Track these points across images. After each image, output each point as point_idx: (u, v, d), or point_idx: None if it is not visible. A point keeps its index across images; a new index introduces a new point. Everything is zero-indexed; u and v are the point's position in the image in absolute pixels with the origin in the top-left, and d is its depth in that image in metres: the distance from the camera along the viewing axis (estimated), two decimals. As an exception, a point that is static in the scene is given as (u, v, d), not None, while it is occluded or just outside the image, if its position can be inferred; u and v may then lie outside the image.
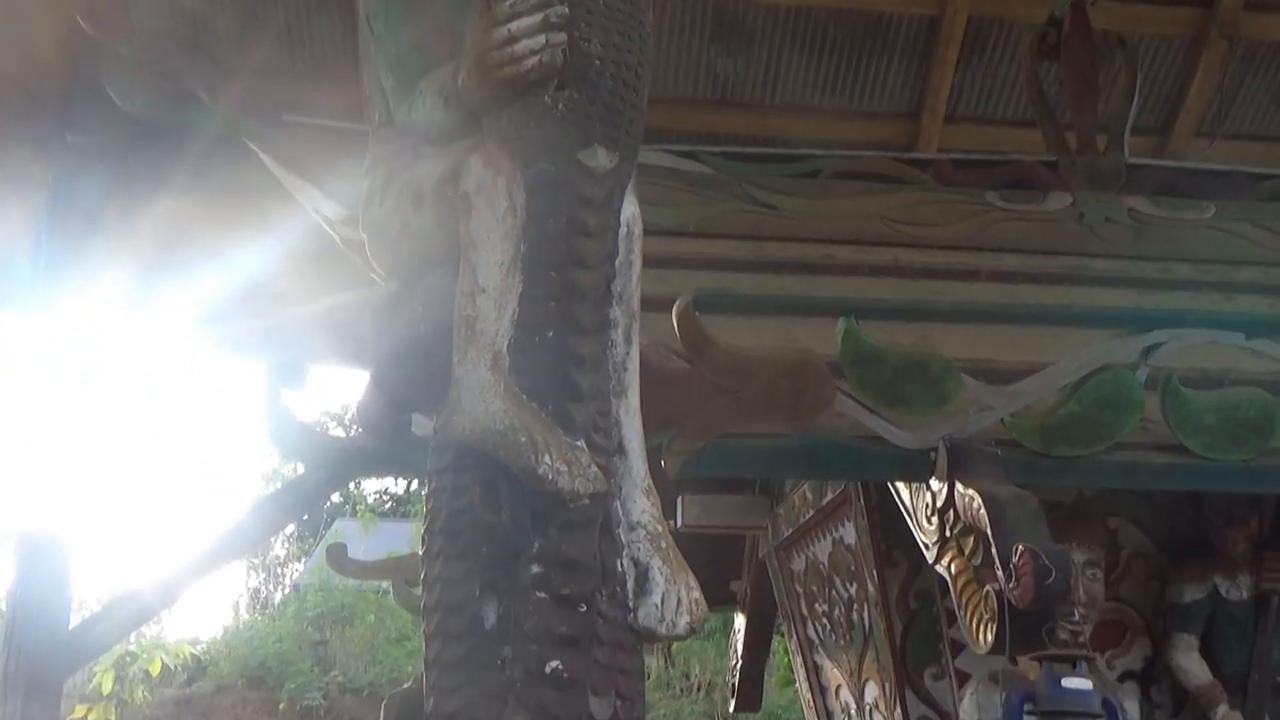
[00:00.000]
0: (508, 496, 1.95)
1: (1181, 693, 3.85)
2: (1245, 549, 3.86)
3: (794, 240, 4.08)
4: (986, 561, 2.96)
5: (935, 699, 3.90)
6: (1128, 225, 4.36)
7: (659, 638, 2.02)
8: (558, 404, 1.98)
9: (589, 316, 2.02)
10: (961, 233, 4.22)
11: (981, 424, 3.24)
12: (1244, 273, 4.15)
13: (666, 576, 2.03)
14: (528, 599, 1.92)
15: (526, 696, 1.86)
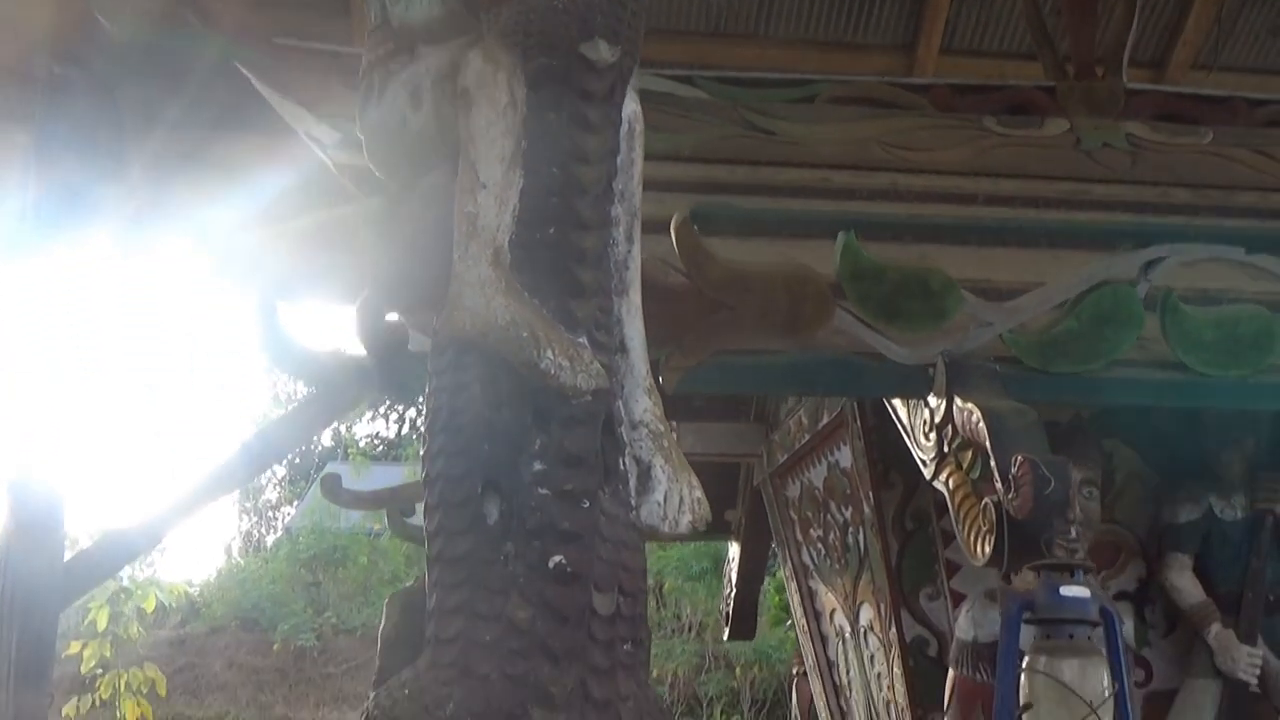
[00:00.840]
0: (509, 393, 1.94)
1: (1175, 612, 3.88)
2: (1241, 469, 3.88)
3: (790, 165, 4.05)
4: (985, 474, 2.96)
5: (930, 619, 3.92)
6: (1125, 150, 4.33)
7: (661, 535, 2.02)
8: (559, 300, 1.97)
9: (590, 212, 2.00)
10: (958, 158, 4.19)
11: (980, 340, 3.23)
12: (1241, 197, 4.13)
13: (669, 475, 2.02)
14: (530, 495, 1.91)
15: (529, 591, 1.86)
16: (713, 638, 17.48)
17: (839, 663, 4.70)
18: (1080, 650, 2.91)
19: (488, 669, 1.83)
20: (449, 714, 1.82)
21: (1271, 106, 4.60)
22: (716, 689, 16.54)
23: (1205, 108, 4.55)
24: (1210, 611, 3.78)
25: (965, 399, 3.07)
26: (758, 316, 3.14)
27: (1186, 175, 4.21)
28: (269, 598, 19.68)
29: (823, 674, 4.85)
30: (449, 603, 1.90)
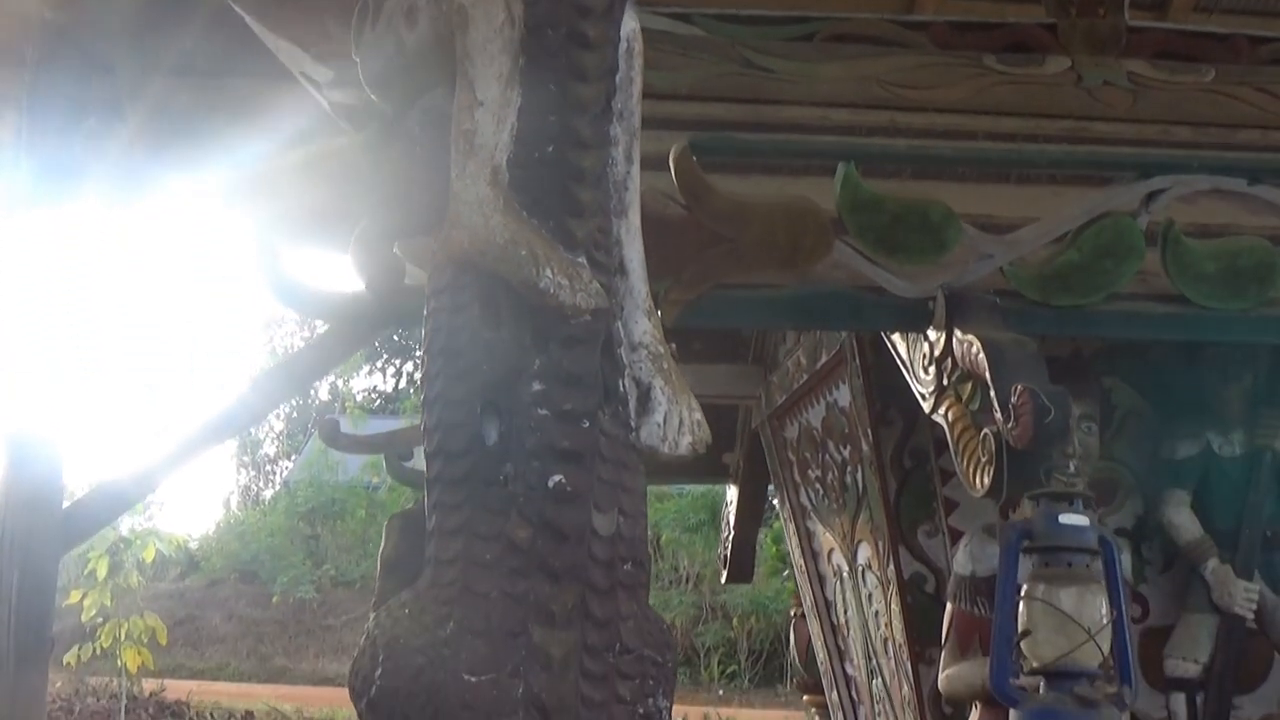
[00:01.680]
0: (508, 314, 1.93)
1: (1172, 548, 3.90)
2: (1240, 405, 3.88)
3: (789, 103, 4.02)
4: (984, 406, 2.96)
5: (929, 556, 3.94)
6: (1127, 88, 4.30)
7: (661, 456, 2.01)
8: (558, 220, 1.95)
9: (589, 131, 1.97)
10: (959, 95, 4.15)
11: (980, 273, 3.22)
12: (1243, 135, 4.11)
13: (669, 396, 2.02)
14: (529, 416, 1.90)
15: (529, 510, 1.86)
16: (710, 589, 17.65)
17: (836, 603, 4.73)
18: (1079, 578, 2.92)
19: (488, 588, 1.83)
20: (449, 633, 1.82)
21: (1274, 44, 4.55)
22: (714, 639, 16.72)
23: (1207, 45, 4.50)
24: (1208, 547, 3.80)
25: (965, 331, 3.07)
26: (757, 248, 3.11)
27: (1188, 113, 4.19)
28: (267, 551, 19.87)
29: (820, 615, 4.87)
30: (449, 523, 1.89)
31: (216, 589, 19.15)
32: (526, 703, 1.79)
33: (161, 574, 18.34)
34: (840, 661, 4.77)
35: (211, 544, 21.35)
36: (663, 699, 1.92)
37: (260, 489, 25.80)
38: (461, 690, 1.79)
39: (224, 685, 14.66)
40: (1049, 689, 2.94)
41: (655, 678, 1.91)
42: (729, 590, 17.14)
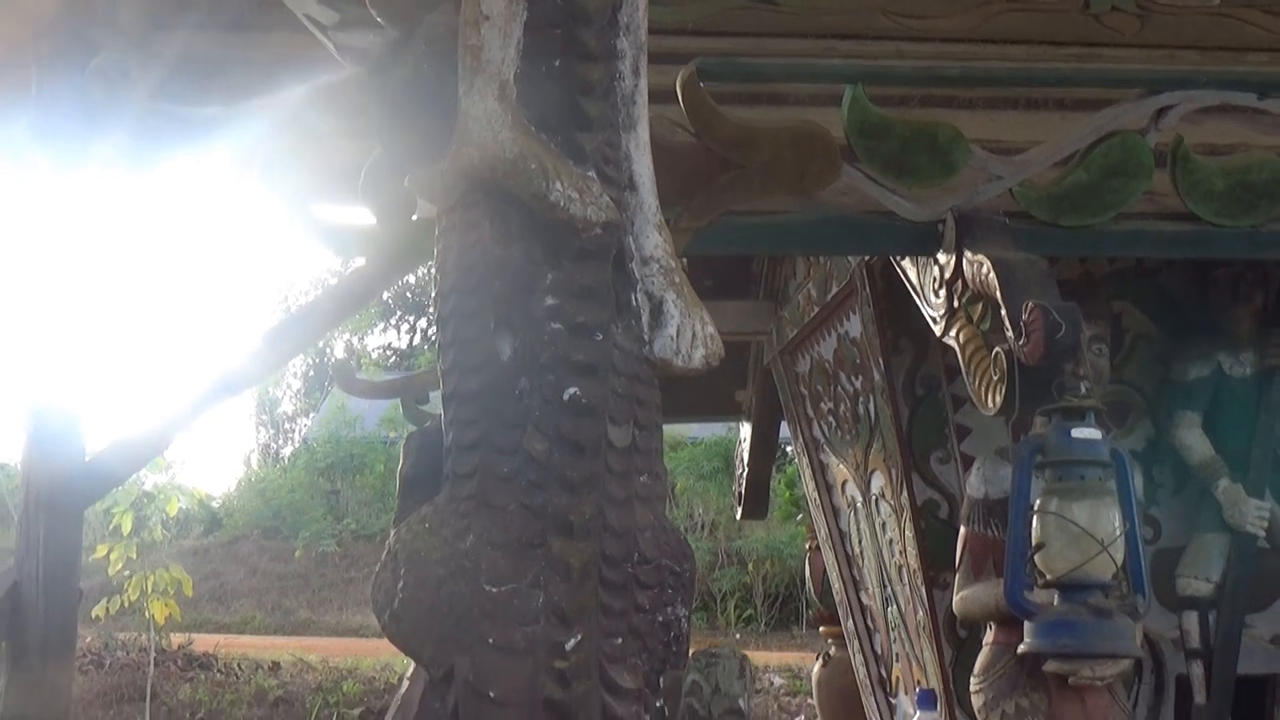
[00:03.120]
0: (519, 229, 1.92)
1: (1183, 471, 3.90)
2: (1250, 326, 3.86)
3: (794, 35, 3.99)
4: (995, 325, 2.95)
5: (941, 482, 3.94)
6: (1134, 13, 4.24)
7: (674, 370, 2.00)
8: (566, 134, 1.93)
9: (595, 43, 1.95)
10: (964, 25, 4.11)
11: (989, 194, 3.20)
12: (1250, 58, 4.07)
13: (681, 310, 2.00)
14: (543, 330, 1.89)
15: (545, 423, 1.85)
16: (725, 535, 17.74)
17: (851, 534, 4.74)
18: (1091, 491, 2.92)
19: (506, 500, 1.83)
20: (469, 545, 1.83)
21: (1285, -33, 4.50)
22: (730, 584, 16.80)
23: (1215, -30, 4.46)
24: (1219, 467, 3.80)
25: (975, 253, 3.05)
26: (765, 174, 3.12)
27: (1196, 37, 4.14)
28: (289, 507, 20.00)
29: (835, 546, 4.89)
30: (466, 438, 1.89)
31: (239, 545, 19.28)
32: (547, 612, 1.79)
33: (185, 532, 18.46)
34: (855, 591, 4.79)
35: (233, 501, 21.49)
36: (681, 607, 1.92)
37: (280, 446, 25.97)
38: (482, 601, 1.80)
39: (250, 638, 14.77)
40: (1063, 601, 2.95)
41: (673, 586, 1.92)
42: (744, 536, 17.24)
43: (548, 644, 1.77)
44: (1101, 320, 3.58)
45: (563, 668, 1.77)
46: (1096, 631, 2.90)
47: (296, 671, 12.71)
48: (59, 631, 5.97)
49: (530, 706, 1.76)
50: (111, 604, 9.86)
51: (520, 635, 1.78)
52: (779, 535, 16.63)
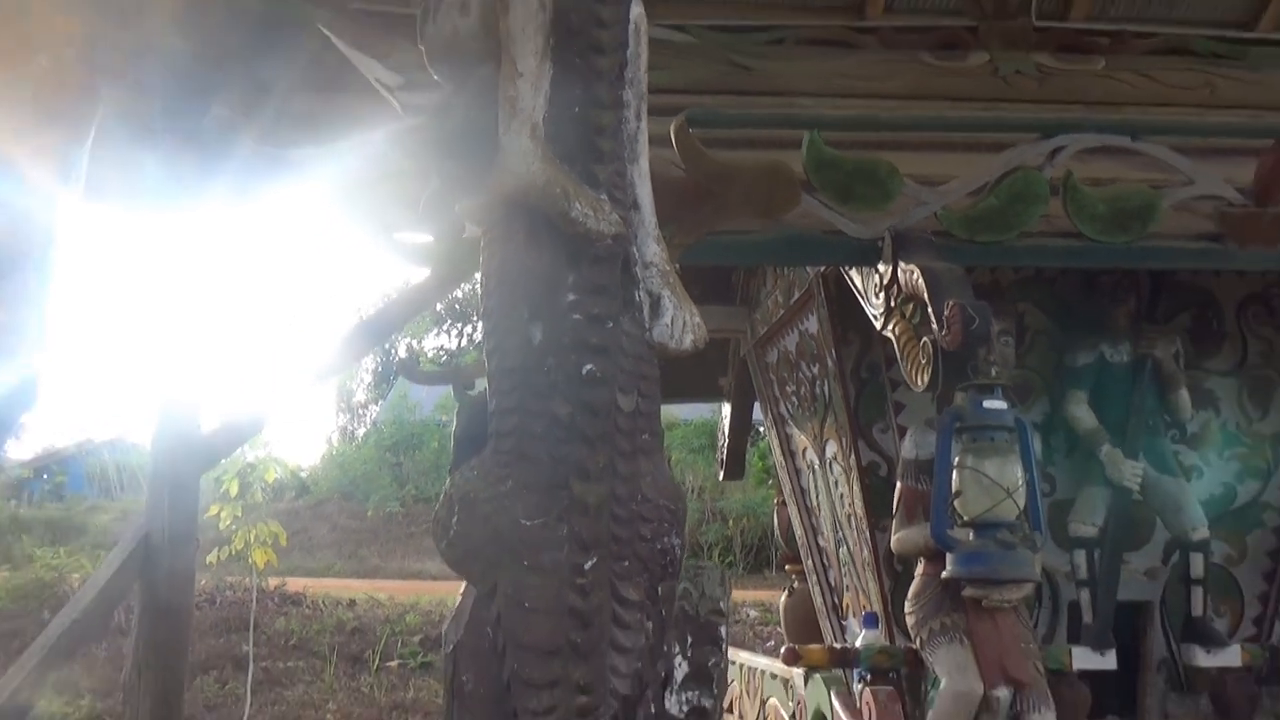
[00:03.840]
0: (547, 240, 1.93)
1: (1073, 438, 3.90)
2: (1126, 322, 3.87)
3: (765, 94, 4.01)
4: (923, 321, 2.96)
5: (882, 447, 3.95)
6: (1034, 76, 4.28)
7: (669, 351, 2.01)
8: (584, 165, 1.95)
9: (607, 94, 1.98)
10: (901, 86, 4.15)
11: (919, 217, 3.21)
12: (1125, 110, 4.09)
13: (675, 304, 2.02)
14: (566, 319, 1.91)
15: (568, 392, 1.87)
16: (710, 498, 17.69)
17: (810, 490, 4.74)
18: (1000, 450, 2.94)
19: (538, 452, 1.85)
20: (509, 488, 1.84)
21: (1152, 38, 4.51)
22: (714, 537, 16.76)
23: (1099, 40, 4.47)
24: (1102, 434, 3.81)
25: (907, 263, 3.06)
26: (741, 202, 3.11)
27: (1083, 94, 4.17)
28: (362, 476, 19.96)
29: (798, 500, 4.89)
30: (506, 404, 1.91)
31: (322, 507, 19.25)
32: (569, 540, 1.81)
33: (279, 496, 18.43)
34: (814, 536, 4.79)
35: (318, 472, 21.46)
36: (675, 537, 1.93)
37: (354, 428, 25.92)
38: (519, 531, 1.82)
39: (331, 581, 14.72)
40: (977, 537, 2.97)
41: (669, 520, 1.92)
42: (725, 498, 17.20)
43: (570, 565, 1.79)
44: (1008, 318, 3.58)
45: (582, 583, 1.78)
46: (1003, 560, 2.91)
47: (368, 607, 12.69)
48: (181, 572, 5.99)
49: (557, 613, 1.77)
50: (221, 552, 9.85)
51: (549, 558, 1.79)
52: (754, 497, 16.60)
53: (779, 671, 3.85)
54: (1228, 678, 3.69)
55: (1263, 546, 4.04)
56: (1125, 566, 3.86)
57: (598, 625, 1.78)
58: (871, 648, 3.46)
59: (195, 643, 9.23)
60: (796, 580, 5.26)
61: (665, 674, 1.42)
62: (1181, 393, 3.85)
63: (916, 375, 2.97)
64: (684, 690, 1.40)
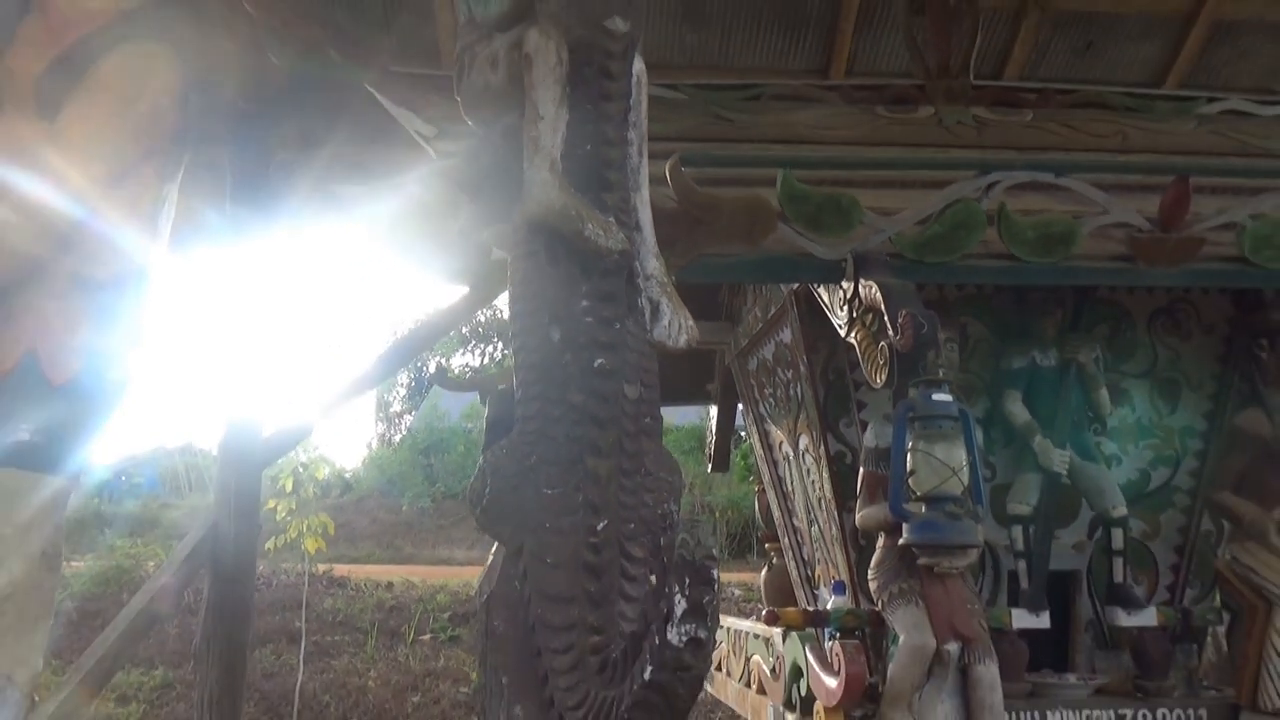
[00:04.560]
0: (564, 256, 1.98)
1: (1010, 431, 3.94)
2: (1054, 332, 3.92)
3: (744, 141, 4.07)
4: (881, 328, 3.01)
5: (847, 439, 3.98)
6: (972, 126, 4.35)
7: (667, 348, 2.05)
8: (594, 194, 2.01)
9: (614, 133, 2.04)
10: (859, 134, 4.21)
11: (876, 241, 3.26)
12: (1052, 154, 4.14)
13: (671, 309, 2.07)
14: (580, 321, 1.96)
15: (582, 383, 1.92)
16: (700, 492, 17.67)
17: (786, 478, 4.77)
18: (946, 436, 2.98)
19: (556, 433, 1.89)
20: (533, 463, 1.89)
21: (1074, 94, 4.59)
22: (703, 527, 16.74)
23: (1028, 96, 4.55)
24: (1034, 427, 3.84)
25: (867, 280, 3.11)
26: (726, 230, 3.17)
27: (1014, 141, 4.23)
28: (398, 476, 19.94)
29: (775, 487, 4.92)
30: (530, 394, 1.95)
31: (363, 503, 19.20)
32: (584, 506, 1.85)
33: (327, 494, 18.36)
34: (789, 518, 4.81)
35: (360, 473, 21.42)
36: (673, 504, 1.97)
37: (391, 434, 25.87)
38: (541, 499, 1.86)
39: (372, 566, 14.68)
40: (928, 509, 3.01)
41: (668, 490, 1.97)
42: (713, 493, 17.19)
43: (585, 527, 1.83)
44: (953, 328, 3.64)
45: (595, 542, 1.83)
46: (950, 529, 2.95)
47: (404, 589, 12.66)
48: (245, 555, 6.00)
49: (574, 567, 1.81)
50: (278, 540, 9.83)
51: (567, 521, 1.84)
52: (737, 492, 16.59)
53: (761, 632, 3.88)
54: (1146, 635, 3.72)
55: (1174, 524, 4.07)
56: (1056, 541, 3.90)
57: (608, 577, 1.82)
58: (840, 610, 3.48)
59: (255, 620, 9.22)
60: (775, 556, 5.28)
61: (667, 611, 1.46)
62: (1102, 392, 3.89)
63: (875, 374, 3.02)
64: (682, 624, 1.44)
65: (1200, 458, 4.05)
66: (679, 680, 1.47)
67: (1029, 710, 3.40)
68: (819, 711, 3.15)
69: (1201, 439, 4.06)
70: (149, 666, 9.98)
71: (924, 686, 3.12)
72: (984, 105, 4.47)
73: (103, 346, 2.00)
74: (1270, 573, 3.47)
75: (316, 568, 12.16)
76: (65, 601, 11.24)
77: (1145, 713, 3.44)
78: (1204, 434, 4.06)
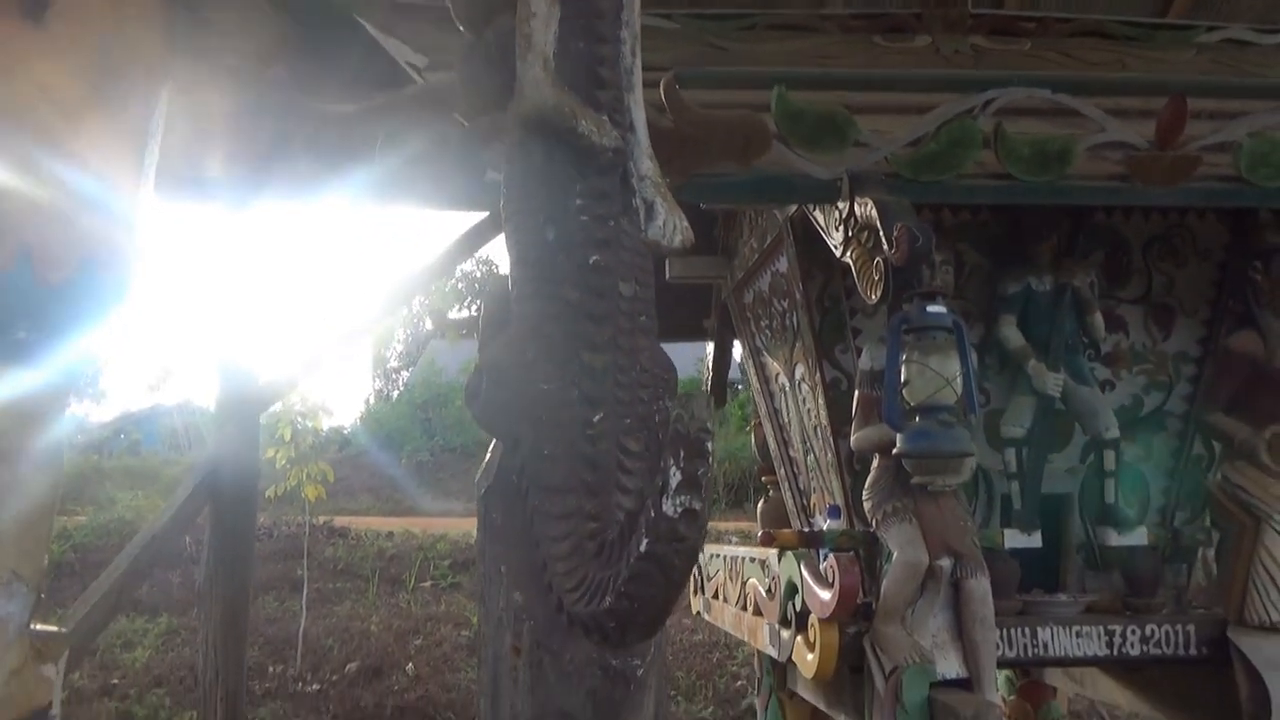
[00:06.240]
0: (559, 154, 1.98)
1: (1005, 356, 3.94)
2: (1049, 257, 3.90)
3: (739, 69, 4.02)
4: (876, 244, 3.01)
5: (843, 366, 3.99)
6: (970, 54, 4.30)
7: (662, 248, 2.06)
8: (587, 91, 2.00)
9: (607, 30, 2.02)
10: (855, 63, 4.16)
11: (872, 160, 3.24)
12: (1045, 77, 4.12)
13: (666, 209, 2.06)
14: (575, 220, 1.96)
15: (577, 280, 1.93)
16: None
17: (781, 410, 4.80)
18: (941, 347, 3.00)
19: (552, 329, 1.91)
20: (530, 358, 1.90)
21: (1072, 23, 4.54)
22: (701, 477, 16.84)
23: (1026, 25, 4.50)
24: (1028, 351, 3.85)
25: (863, 198, 3.11)
26: (721, 149, 3.16)
27: (1012, 69, 4.18)
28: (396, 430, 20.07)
29: (771, 419, 4.95)
30: (524, 291, 1.97)
31: (363, 457, 19.32)
32: (580, 400, 1.87)
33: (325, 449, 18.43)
34: (785, 448, 4.85)
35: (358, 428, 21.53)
36: (668, 400, 1.98)
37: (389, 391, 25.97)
38: (538, 393, 1.88)
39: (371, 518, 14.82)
40: (922, 419, 3.04)
41: (663, 386, 1.98)
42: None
43: (581, 419, 1.86)
44: (949, 253, 3.63)
45: (591, 434, 1.85)
46: (944, 438, 2.98)
47: (404, 538, 12.79)
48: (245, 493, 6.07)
49: (571, 458, 1.84)
50: (278, 489, 9.92)
51: (564, 414, 1.86)
52: (734, 443, 16.67)
53: (757, 555, 3.93)
54: (1136, 555, 3.77)
55: (1166, 449, 4.11)
56: (1049, 465, 3.91)
57: (605, 468, 1.85)
58: (835, 531, 3.53)
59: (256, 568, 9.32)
60: (771, 489, 5.32)
61: (661, 484, 1.48)
62: (1096, 316, 3.90)
63: (870, 291, 3.03)
64: (677, 495, 1.46)
65: (1193, 383, 4.07)
66: (674, 551, 1.50)
67: (1020, 627, 3.45)
68: (813, 624, 3.21)
69: (1195, 365, 4.08)
70: (153, 614, 10.11)
71: (917, 602, 3.18)
72: (982, 34, 4.43)
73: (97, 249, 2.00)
74: (1260, 490, 3.52)
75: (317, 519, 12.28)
76: (68, 553, 11.34)
77: (1134, 628, 3.50)
78: (1198, 360, 4.08)
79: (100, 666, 8.83)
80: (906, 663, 3.01)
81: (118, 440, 21.64)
